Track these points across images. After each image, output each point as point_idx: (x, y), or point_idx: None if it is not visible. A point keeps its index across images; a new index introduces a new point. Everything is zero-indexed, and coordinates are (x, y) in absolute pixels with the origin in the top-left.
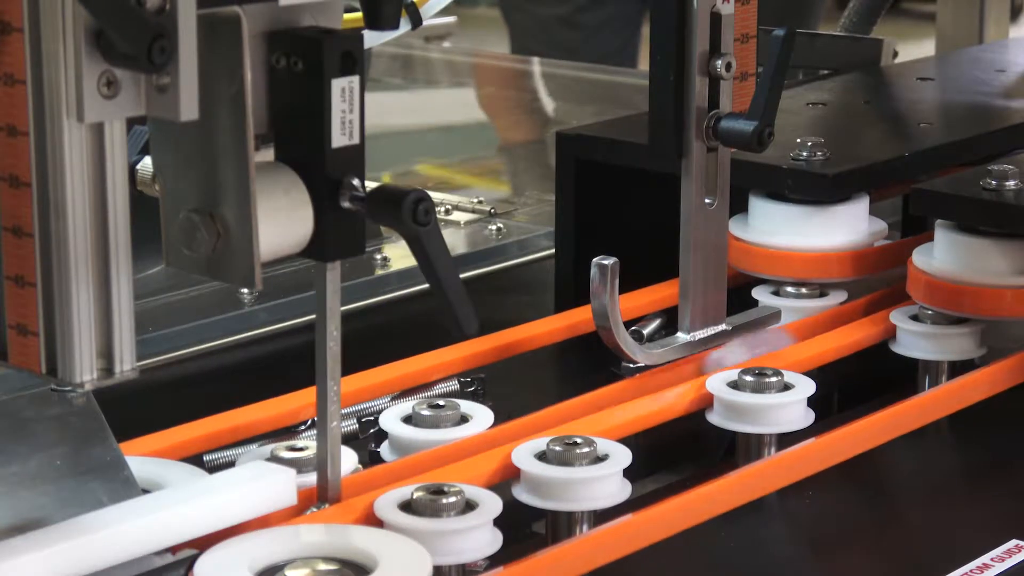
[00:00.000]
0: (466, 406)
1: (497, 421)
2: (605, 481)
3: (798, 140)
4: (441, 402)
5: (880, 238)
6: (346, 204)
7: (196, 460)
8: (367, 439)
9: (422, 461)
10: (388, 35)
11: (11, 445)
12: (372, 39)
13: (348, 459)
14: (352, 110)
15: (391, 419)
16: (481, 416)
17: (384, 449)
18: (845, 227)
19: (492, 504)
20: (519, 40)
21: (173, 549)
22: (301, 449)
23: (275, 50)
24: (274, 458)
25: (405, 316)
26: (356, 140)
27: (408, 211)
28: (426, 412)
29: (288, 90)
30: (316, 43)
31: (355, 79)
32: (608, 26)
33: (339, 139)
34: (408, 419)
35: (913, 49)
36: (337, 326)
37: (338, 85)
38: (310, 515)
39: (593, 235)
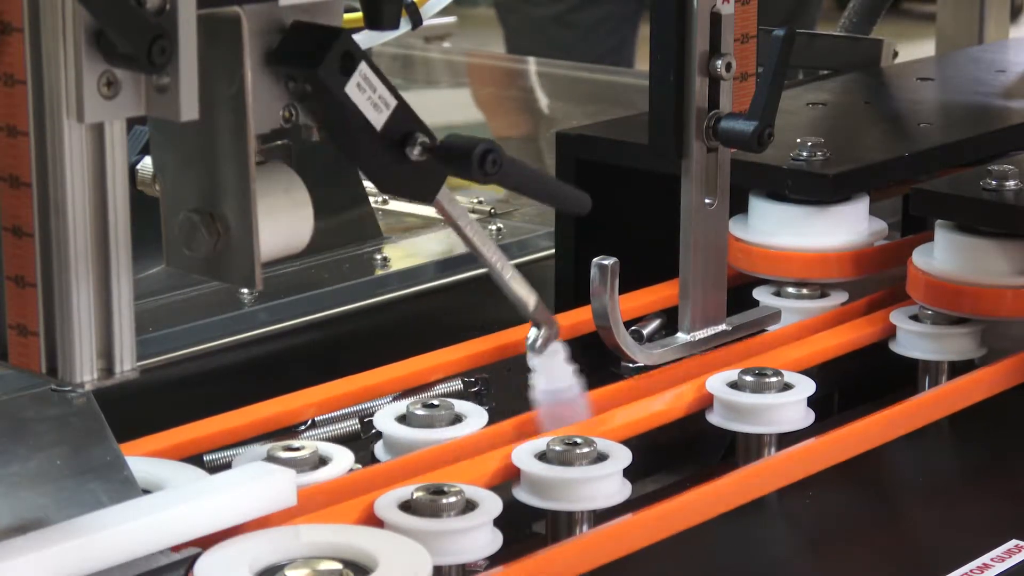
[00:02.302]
0: (460, 406)
1: (492, 421)
2: (605, 481)
3: (798, 140)
4: (435, 402)
5: (880, 238)
6: (416, 156)
7: (196, 460)
8: (368, 439)
9: (422, 461)
10: (388, 35)
11: (11, 445)
12: (372, 39)
13: (347, 459)
14: (375, 90)
15: (385, 419)
16: (475, 416)
17: (378, 449)
18: (845, 227)
19: (492, 504)
20: (514, 41)
21: (174, 548)
22: (301, 449)
23: (281, 75)
24: (273, 458)
25: (405, 316)
26: (392, 106)
27: (476, 163)
28: (420, 412)
29: (316, 104)
30: (311, 69)
31: (362, 66)
32: (603, 26)
33: (378, 118)
34: (402, 418)
35: (913, 49)
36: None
37: (352, 84)
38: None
39: (593, 235)
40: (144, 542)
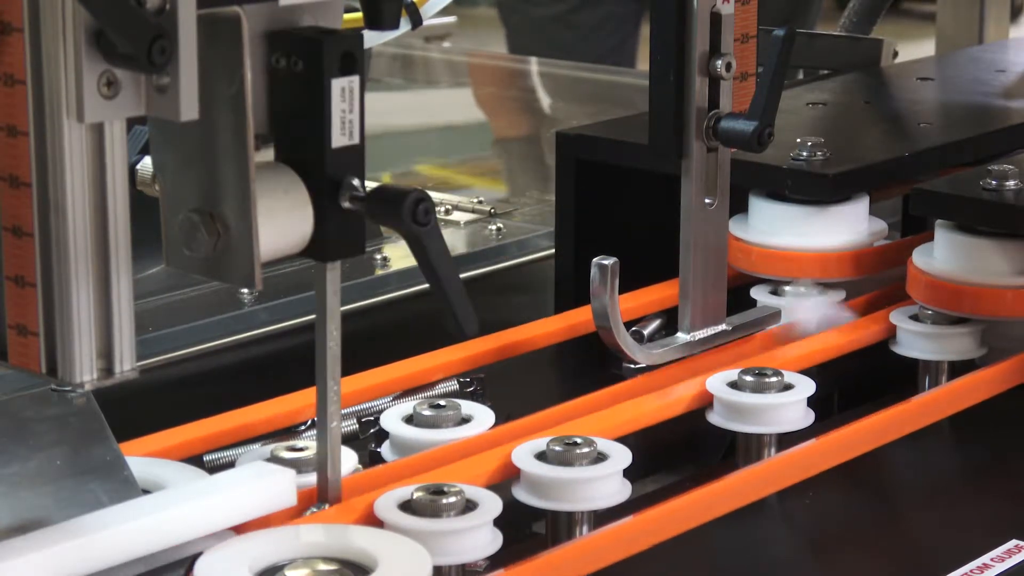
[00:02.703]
0: (467, 406)
1: (497, 421)
2: (605, 481)
3: (798, 140)
4: (442, 402)
5: (880, 238)
6: (346, 204)
7: (196, 460)
8: (367, 439)
9: (422, 461)
10: (388, 35)
11: (11, 445)
12: (372, 39)
13: (348, 459)
14: (352, 110)
15: (392, 419)
16: (482, 416)
17: (385, 449)
18: (845, 227)
19: (492, 504)
20: (516, 41)
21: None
22: (301, 449)
23: (275, 50)
24: (274, 458)
25: (405, 316)
26: (356, 140)
27: (408, 211)
28: (427, 412)
29: (288, 90)
30: (316, 43)
31: (355, 79)
32: (604, 26)
33: (339, 139)
34: (409, 419)
35: (913, 49)
36: (337, 326)
37: (338, 85)
38: (310, 516)
39: (593, 235)
40: (144, 542)
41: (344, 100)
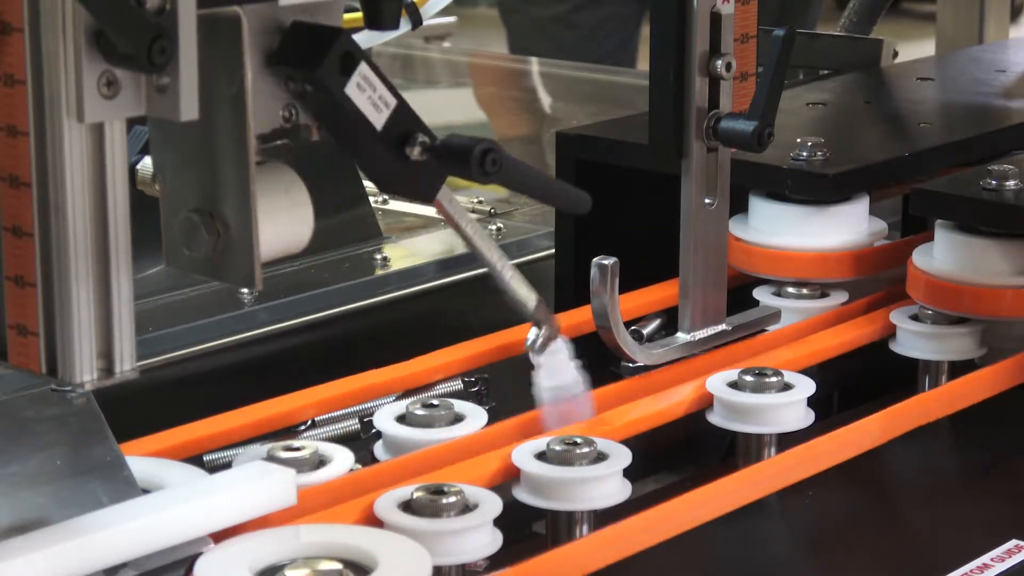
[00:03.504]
0: (459, 406)
1: (492, 421)
2: (605, 481)
3: (798, 140)
4: (435, 401)
5: (880, 238)
6: (415, 156)
7: (196, 460)
8: (367, 439)
9: (422, 461)
10: (388, 35)
11: (11, 445)
12: (372, 39)
13: (347, 459)
14: (375, 89)
15: (385, 419)
16: (475, 416)
17: (378, 448)
18: (845, 227)
19: (492, 504)
20: (517, 41)
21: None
22: (300, 449)
23: (281, 75)
24: (273, 458)
25: (405, 316)
26: (393, 106)
27: (476, 163)
28: (420, 412)
29: (316, 105)
30: (311, 70)
31: (362, 67)
32: (605, 26)
33: (379, 118)
34: (402, 418)
35: (913, 49)
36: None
37: (352, 84)
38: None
39: (593, 235)
40: (144, 542)
41: (364, 89)
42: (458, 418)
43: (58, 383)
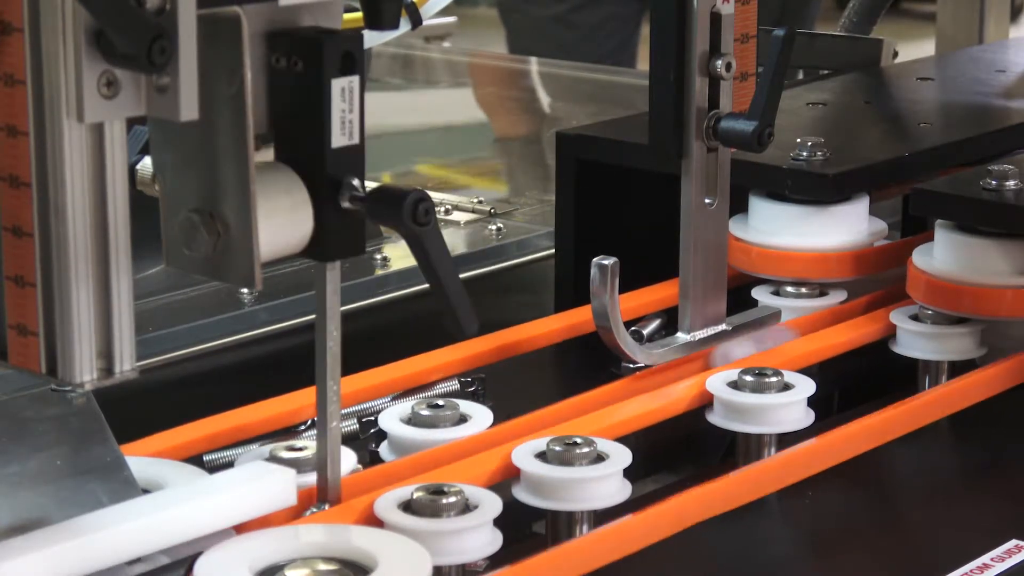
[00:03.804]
0: (465, 406)
1: (497, 421)
2: (605, 481)
3: (798, 140)
4: (440, 402)
5: (880, 238)
6: (346, 204)
7: (196, 460)
8: (367, 439)
9: (422, 461)
10: (388, 35)
11: (11, 445)
12: (372, 39)
13: (348, 459)
14: (352, 110)
15: (390, 419)
16: (480, 416)
17: (383, 449)
18: (845, 227)
19: (492, 504)
20: (516, 41)
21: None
22: (301, 449)
23: (275, 50)
24: (274, 458)
25: (405, 316)
26: (356, 140)
27: (408, 211)
28: (425, 412)
29: (288, 90)
30: (316, 43)
31: (355, 79)
32: (605, 26)
33: (339, 139)
34: (408, 419)
35: (913, 49)
36: (337, 326)
37: (338, 85)
38: (310, 516)
39: (593, 235)
40: (144, 542)
41: (344, 100)
42: (464, 418)
43: (58, 383)
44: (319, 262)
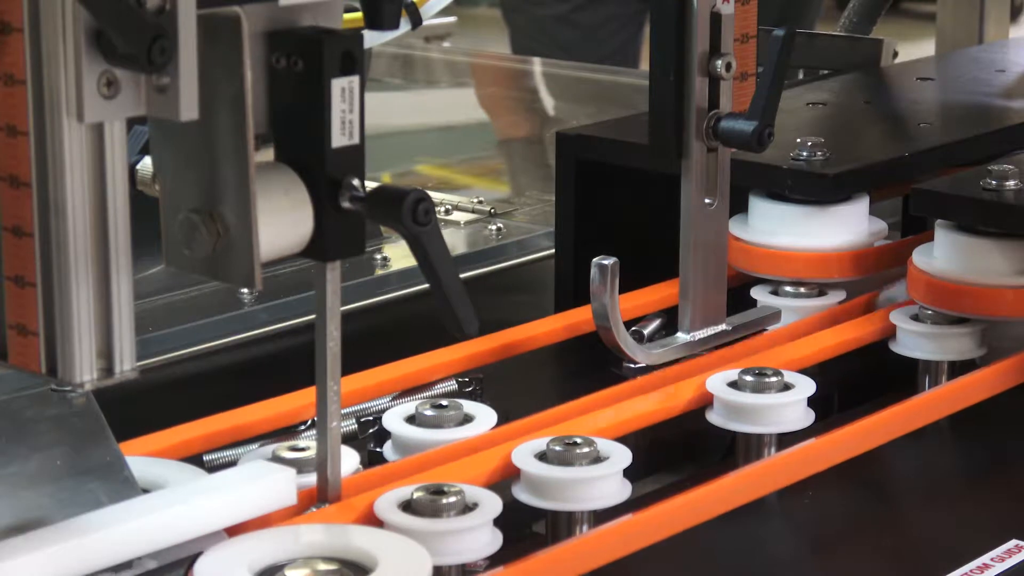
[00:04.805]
0: (469, 406)
1: (499, 421)
2: (605, 481)
3: (798, 140)
4: (444, 402)
5: (880, 238)
6: (346, 204)
7: (196, 460)
8: (367, 439)
9: (422, 461)
10: (388, 35)
11: (11, 445)
12: (372, 39)
13: (349, 459)
14: (352, 110)
15: (394, 419)
16: (484, 416)
17: (387, 449)
18: (845, 227)
19: (492, 504)
20: (519, 41)
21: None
22: (302, 449)
23: (275, 50)
24: (275, 458)
25: (405, 316)
26: (356, 140)
27: (408, 211)
28: (429, 412)
29: (288, 90)
30: (316, 43)
31: (355, 79)
32: (607, 26)
33: (339, 139)
34: (411, 419)
35: (913, 49)
36: (337, 326)
37: (338, 85)
38: (310, 515)
39: (593, 235)
40: (144, 542)
41: (344, 100)
42: (467, 419)
43: (58, 383)
44: (319, 262)
